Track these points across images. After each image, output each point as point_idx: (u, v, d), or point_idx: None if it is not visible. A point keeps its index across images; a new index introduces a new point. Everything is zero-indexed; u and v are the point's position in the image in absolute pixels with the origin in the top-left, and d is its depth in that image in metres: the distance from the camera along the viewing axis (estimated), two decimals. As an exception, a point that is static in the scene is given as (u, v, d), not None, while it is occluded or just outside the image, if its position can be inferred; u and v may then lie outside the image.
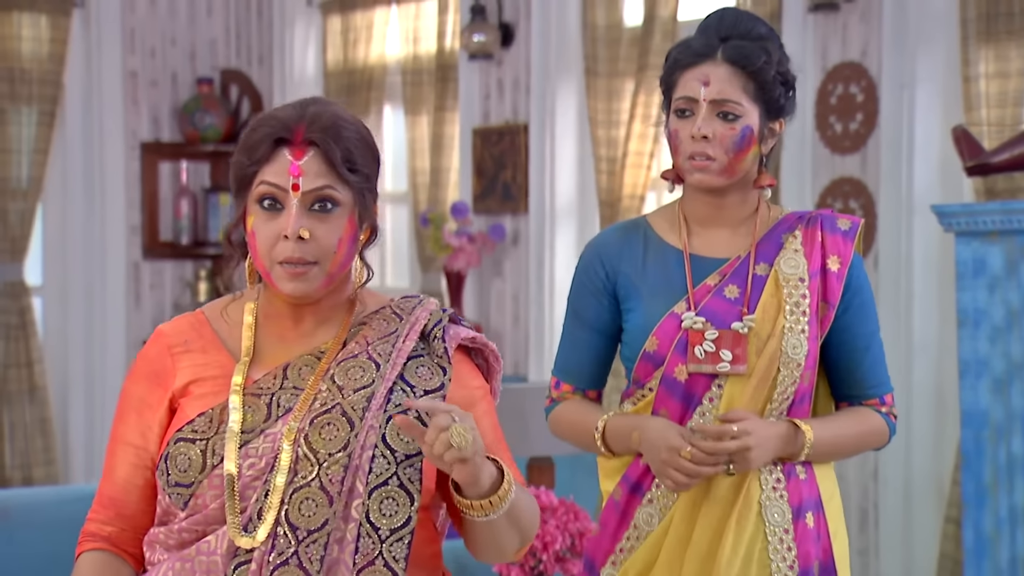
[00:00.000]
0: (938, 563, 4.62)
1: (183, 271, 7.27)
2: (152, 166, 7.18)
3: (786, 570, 2.67)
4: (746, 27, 2.71)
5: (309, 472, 2.07)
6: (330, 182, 2.09)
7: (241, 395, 2.13)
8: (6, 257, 6.80)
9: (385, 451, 2.08)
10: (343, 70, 6.76)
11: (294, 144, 2.09)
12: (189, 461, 2.10)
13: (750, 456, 2.63)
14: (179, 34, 7.26)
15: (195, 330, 2.22)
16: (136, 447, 2.18)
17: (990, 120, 4.48)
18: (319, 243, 2.09)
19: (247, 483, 2.08)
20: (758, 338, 2.68)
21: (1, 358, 6.80)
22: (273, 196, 2.10)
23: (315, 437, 2.08)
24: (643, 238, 2.78)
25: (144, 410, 2.18)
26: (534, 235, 6.00)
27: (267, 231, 2.10)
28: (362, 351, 2.15)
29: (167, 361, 2.19)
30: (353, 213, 2.12)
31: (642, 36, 5.49)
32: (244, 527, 2.06)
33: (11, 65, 6.78)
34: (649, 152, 5.53)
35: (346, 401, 2.10)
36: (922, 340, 4.75)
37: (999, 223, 3.79)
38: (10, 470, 6.80)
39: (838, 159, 5.01)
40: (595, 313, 2.79)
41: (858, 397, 2.78)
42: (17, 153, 6.80)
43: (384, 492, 2.07)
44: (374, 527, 2.06)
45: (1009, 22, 4.46)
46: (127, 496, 2.19)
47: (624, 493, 2.75)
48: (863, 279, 2.77)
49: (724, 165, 2.69)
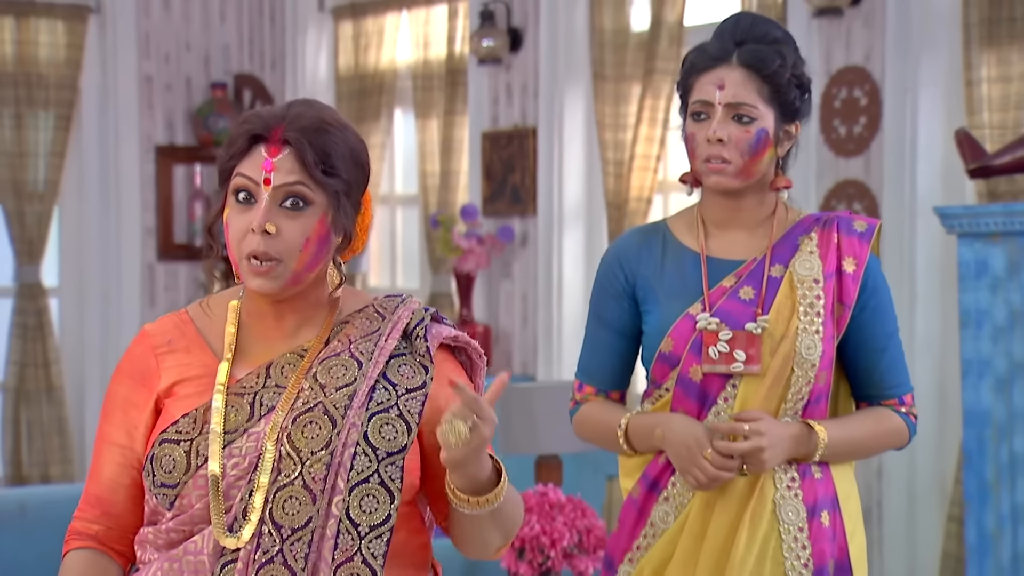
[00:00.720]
0: (941, 561, 4.62)
1: (197, 272, 7.29)
2: (166, 169, 7.19)
3: (800, 568, 2.66)
4: (761, 31, 2.71)
5: (292, 471, 2.06)
6: (302, 179, 2.08)
7: (224, 394, 2.12)
8: (23, 259, 6.82)
9: (367, 448, 2.07)
10: (354, 75, 6.78)
11: (270, 141, 2.09)
12: (174, 462, 2.09)
13: (763, 457, 2.62)
14: (193, 39, 7.28)
15: (179, 329, 2.20)
16: (122, 447, 2.16)
17: (992, 123, 4.48)
18: (285, 240, 2.08)
19: (231, 483, 2.07)
20: (772, 339, 2.67)
21: (19, 358, 6.82)
22: (247, 189, 2.09)
23: (298, 436, 2.07)
24: (662, 241, 2.78)
25: (129, 409, 2.17)
26: (542, 237, 6.01)
27: (238, 224, 2.10)
28: (344, 349, 2.14)
29: (151, 361, 2.18)
30: (325, 215, 2.10)
31: (648, 41, 5.50)
32: (229, 527, 2.06)
33: (29, 70, 6.80)
34: (656, 155, 5.54)
35: (328, 399, 2.09)
36: (925, 340, 4.75)
37: (1001, 225, 3.79)
38: (27, 468, 6.82)
39: (842, 162, 5.02)
40: (615, 315, 2.79)
41: (877, 397, 2.77)
42: (34, 157, 6.82)
43: (365, 489, 2.06)
44: (354, 523, 2.05)
45: (1011, 27, 4.46)
46: (113, 495, 2.17)
47: (642, 491, 2.75)
48: (880, 280, 2.76)
49: (740, 167, 2.69)
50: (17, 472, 6.80)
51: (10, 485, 6.76)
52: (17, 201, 6.79)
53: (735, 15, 2.76)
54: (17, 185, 6.79)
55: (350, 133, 2.14)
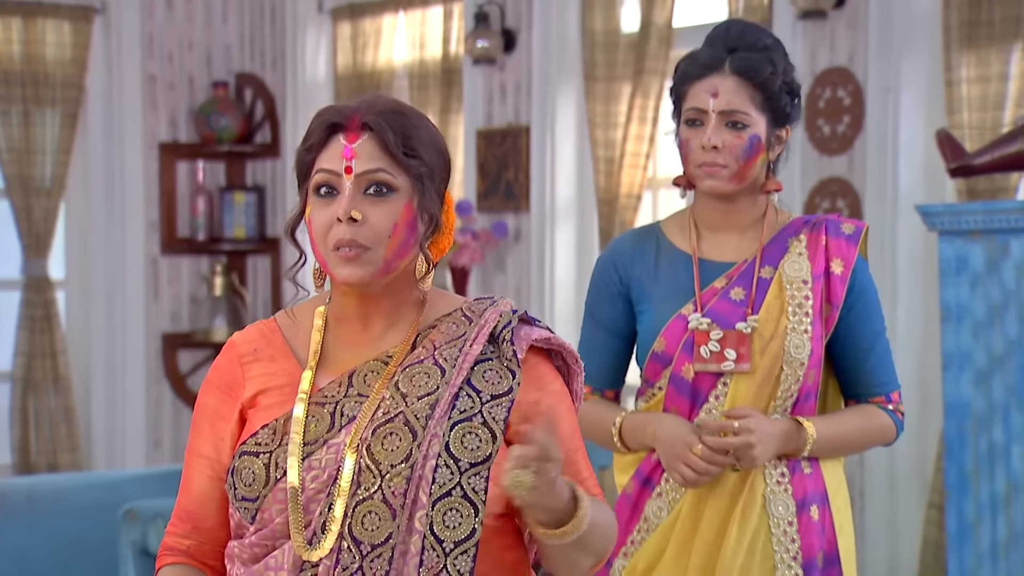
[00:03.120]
0: (921, 547, 4.62)
1: (199, 266, 7.26)
2: (170, 166, 7.16)
3: (789, 561, 2.67)
4: (752, 38, 2.71)
5: (372, 484, 1.93)
6: (384, 165, 1.97)
7: (306, 404, 1.99)
8: (31, 253, 6.80)
9: (448, 460, 1.93)
10: (352, 74, 6.76)
11: (349, 129, 1.98)
12: (253, 475, 1.98)
13: (753, 453, 2.62)
14: (196, 39, 7.25)
15: (264, 338, 2.09)
16: (210, 459, 2.06)
17: (971, 123, 4.47)
18: (373, 227, 1.95)
19: (311, 496, 1.95)
20: (761, 338, 2.68)
21: (27, 349, 6.80)
22: (329, 183, 1.98)
23: (377, 448, 1.94)
24: (655, 244, 2.78)
25: (217, 421, 2.07)
26: (535, 232, 6.00)
27: (322, 217, 1.98)
28: (428, 356, 2.00)
29: (237, 371, 2.07)
30: (411, 200, 1.98)
31: (639, 42, 5.48)
32: (309, 541, 1.94)
33: (35, 69, 6.77)
34: (646, 153, 5.52)
35: (409, 409, 1.95)
36: (906, 334, 4.74)
37: (980, 223, 3.78)
38: (35, 456, 6.80)
39: (826, 160, 5.01)
40: (611, 316, 2.79)
41: (864, 395, 2.78)
42: (41, 153, 6.79)
43: (448, 503, 1.92)
44: (438, 539, 1.91)
45: (990, 29, 4.45)
46: (203, 509, 2.07)
47: (636, 487, 2.75)
48: (867, 281, 2.76)
49: (734, 172, 2.69)
50: (25, 460, 6.78)
51: (18, 472, 6.75)
52: (25, 196, 6.76)
53: (726, 23, 2.76)
54: (25, 181, 6.76)
55: (428, 122, 2.03)
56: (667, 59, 5.41)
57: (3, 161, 6.74)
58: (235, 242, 7.18)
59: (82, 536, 4.54)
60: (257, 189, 7.24)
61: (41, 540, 4.49)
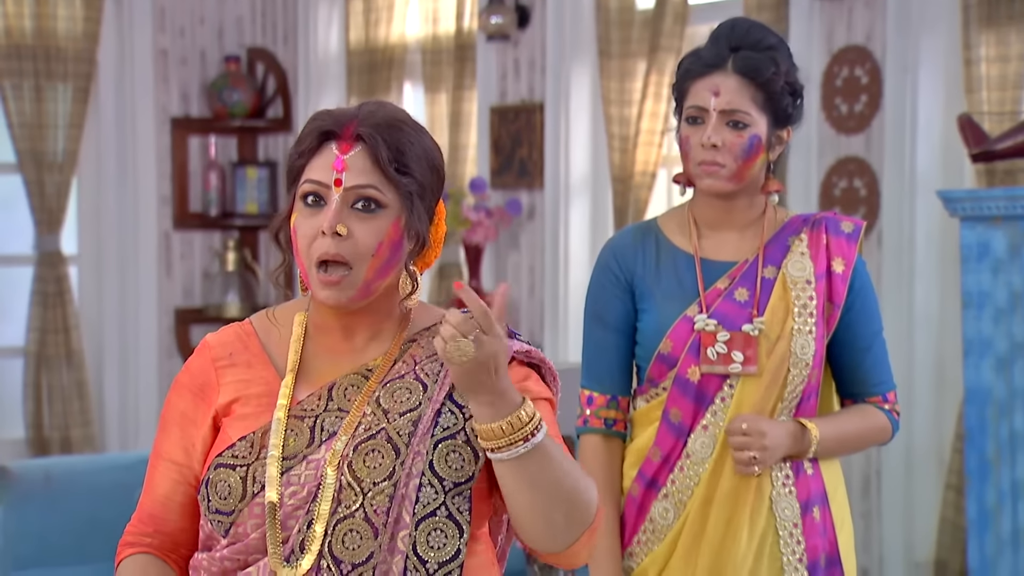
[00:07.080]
0: (938, 527, 4.60)
1: (212, 241, 7.23)
2: (182, 140, 7.12)
3: (796, 563, 2.67)
4: (756, 38, 2.69)
5: (353, 502, 1.88)
6: (374, 182, 1.91)
7: (286, 415, 1.94)
8: (43, 228, 6.76)
9: (432, 479, 1.89)
10: (365, 49, 6.70)
11: (342, 138, 1.92)
12: (229, 488, 1.93)
13: (765, 456, 2.63)
14: (207, 13, 7.19)
15: (241, 341, 2.04)
16: (179, 464, 2.01)
17: (990, 102, 4.43)
18: (357, 243, 1.90)
19: (289, 512, 1.90)
20: (768, 340, 2.67)
21: (39, 324, 6.78)
22: (317, 193, 1.93)
23: (359, 465, 1.89)
24: (655, 242, 2.76)
25: (187, 426, 2.01)
26: (549, 210, 5.95)
27: (307, 227, 1.93)
28: (409, 371, 1.95)
29: (211, 375, 2.01)
30: (399, 218, 1.92)
31: (654, 18, 5.43)
32: (286, 558, 1.89)
33: (47, 44, 6.72)
34: (660, 131, 5.47)
35: (391, 426, 1.91)
36: (923, 316, 4.71)
37: (1003, 208, 3.75)
38: (49, 430, 6.79)
39: (843, 139, 4.96)
40: (616, 313, 2.75)
41: (861, 395, 2.77)
42: (53, 128, 6.75)
43: (432, 523, 1.88)
44: (421, 560, 1.88)
45: (1009, 7, 4.40)
46: (167, 513, 2.02)
47: (640, 489, 2.74)
48: (865, 280, 2.75)
49: (733, 171, 2.67)
50: (39, 435, 6.78)
51: (32, 447, 6.74)
52: (37, 172, 6.72)
53: (730, 20, 2.74)
54: (37, 156, 6.72)
55: (425, 135, 1.97)
56: (682, 36, 5.35)
57: (15, 136, 6.70)
58: (247, 217, 7.14)
59: (99, 517, 4.52)
60: (269, 164, 7.20)
61: (59, 521, 4.47)
